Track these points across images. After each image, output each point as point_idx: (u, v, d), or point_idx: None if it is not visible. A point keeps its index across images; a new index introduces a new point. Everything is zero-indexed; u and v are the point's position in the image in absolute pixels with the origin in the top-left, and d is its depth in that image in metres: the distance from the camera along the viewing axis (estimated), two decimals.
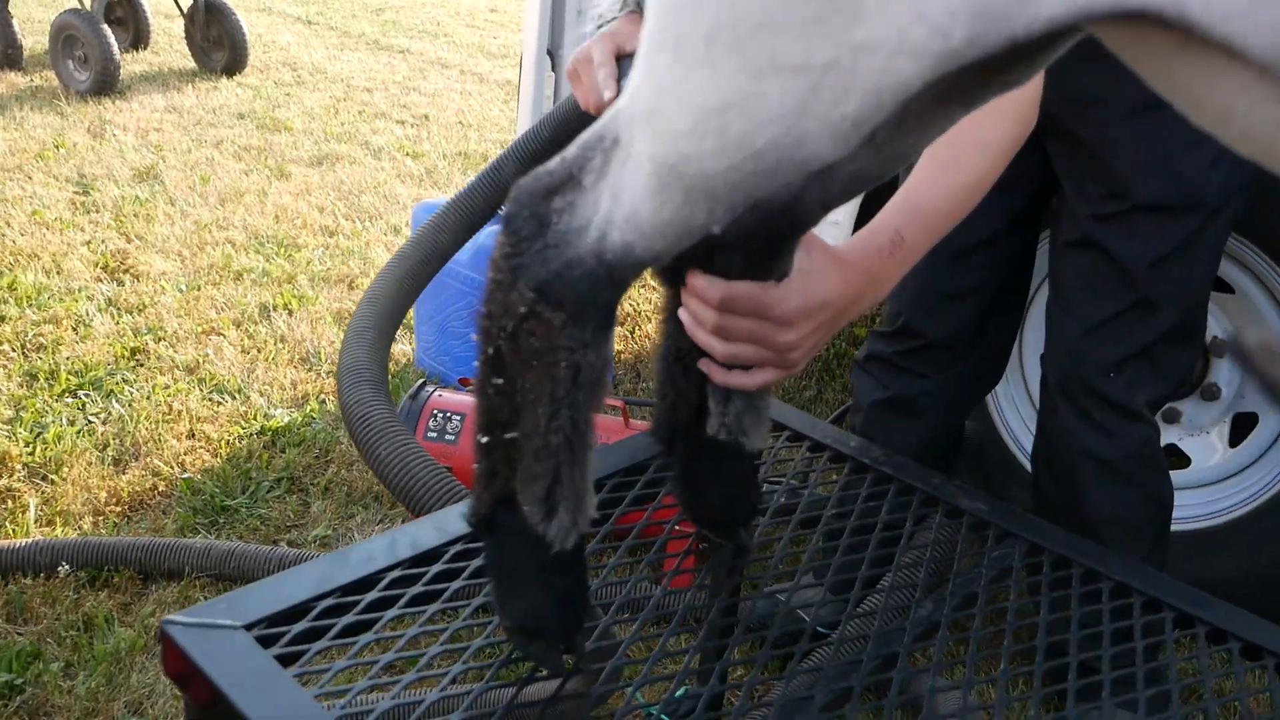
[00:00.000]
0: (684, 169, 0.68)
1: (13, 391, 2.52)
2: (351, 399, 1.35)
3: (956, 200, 1.18)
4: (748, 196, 0.69)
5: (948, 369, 1.81)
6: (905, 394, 1.82)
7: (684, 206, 0.70)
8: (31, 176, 4.11)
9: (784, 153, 0.65)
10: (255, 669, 0.89)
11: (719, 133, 0.65)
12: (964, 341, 1.80)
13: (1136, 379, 1.62)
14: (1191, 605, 1.13)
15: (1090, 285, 1.62)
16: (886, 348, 1.85)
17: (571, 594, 0.92)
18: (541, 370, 0.82)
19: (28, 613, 1.81)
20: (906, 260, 1.13)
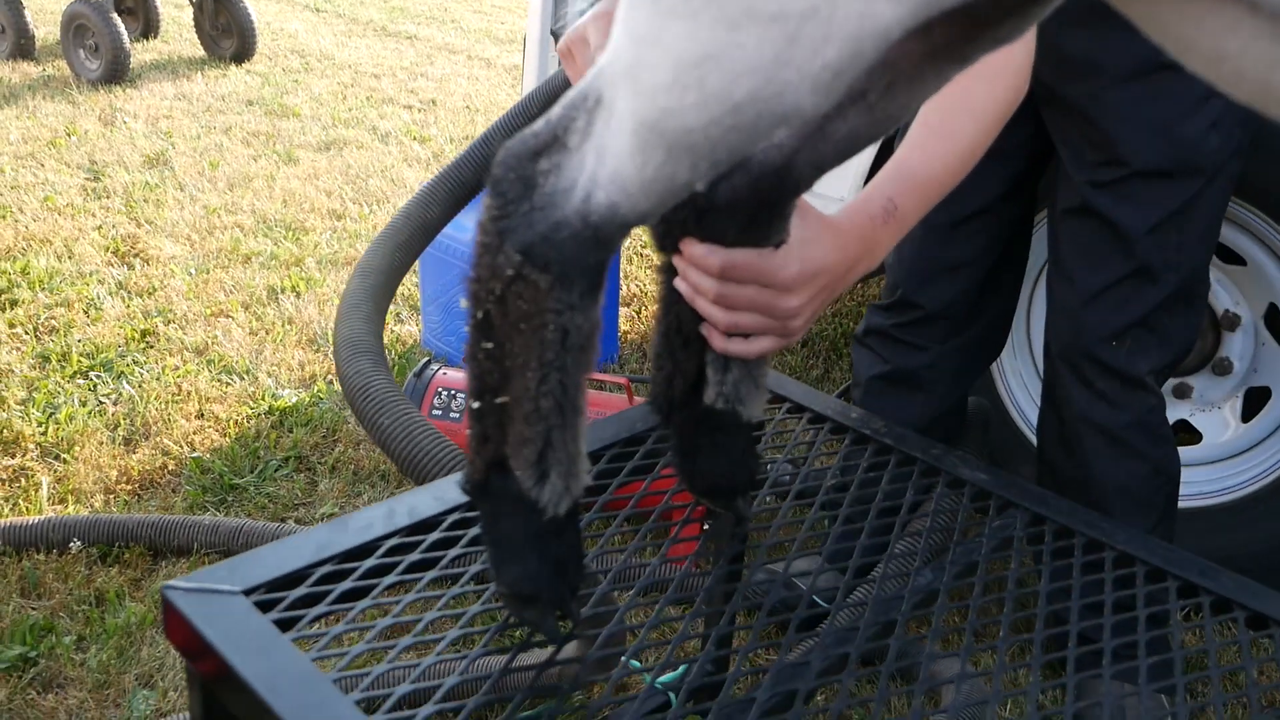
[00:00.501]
0: (665, 124, 0.68)
1: (25, 373, 2.54)
2: (351, 370, 1.36)
3: (949, 167, 1.18)
4: (730, 152, 0.69)
5: (947, 340, 1.80)
6: (905, 367, 1.81)
7: (666, 163, 0.70)
8: (44, 164, 4.13)
9: (764, 105, 0.65)
10: (254, 633, 0.90)
11: (698, 86, 0.65)
12: (963, 312, 1.80)
13: (1139, 347, 1.61)
14: (1196, 575, 1.13)
15: (1089, 253, 1.61)
16: (885, 321, 1.83)
17: (566, 560, 0.92)
18: (530, 333, 0.81)
19: (41, 588, 1.83)
20: (901, 227, 1.13)
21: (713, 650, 1.00)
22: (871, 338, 1.86)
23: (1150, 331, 1.61)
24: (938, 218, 1.73)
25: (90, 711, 1.59)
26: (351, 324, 1.46)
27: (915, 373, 1.82)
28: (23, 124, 4.60)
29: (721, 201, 0.96)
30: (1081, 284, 1.62)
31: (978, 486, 1.24)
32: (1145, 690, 0.96)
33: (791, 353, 2.95)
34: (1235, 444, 2.04)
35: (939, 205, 1.68)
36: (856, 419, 1.36)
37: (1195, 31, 0.61)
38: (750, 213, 0.97)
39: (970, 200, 1.71)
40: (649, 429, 1.28)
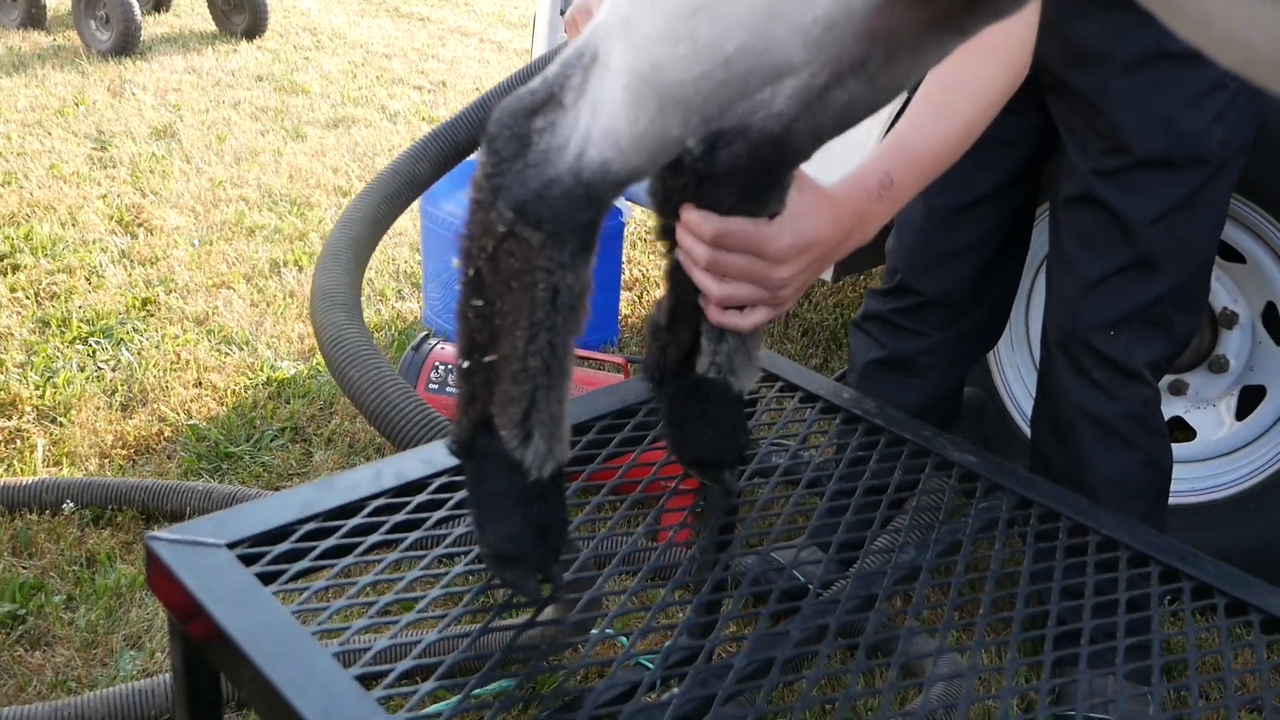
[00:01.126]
0: (657, 78, 0.68)
1: (25, 337, 2.54)
2: (325, 321, 1.36)
3: (948, 144, 1.18)
4: (721, 107, 0.69)
5: (946, 327, 1.80)
6: (902, 353, 1.81)
7: (658, 117, 0.70)
8: (51, 132, 4.13)
9: (755, 58, 0.65)
10: (235, 584, 0.90)
11: (690, 37, 0.65)
12: (963, 299, 1.79)
13: (1136, 338, 1.60)
14: (1179, 561, 1.13)
15: (1091, 241, 1.61)
16: (883, 306, 1.83)
17: (549, 522, 0.92)
18: (520, 292, 0.82)
19: (32, 547, 1.83)
20: (895, 202, 1.13)
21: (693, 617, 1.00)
22: (870, 323, 1.86)
23: (1149, 323, 1.61)
24: (941, 203, 1.74)
25: (77, 669, 1.59)
26: (330, 274, 1.46)
27: (912, 358, 1.82)
28: (31, 92, 4.61)
29: (721, 169, 0.96)
30: (1081, 272, 1.62)
31: (966, 469, 1.25)
32: (1121, 671, 0.97)
33: (791, 341, 2.95)
34: (1229, 442, 2.04)
35: (943, 190, 1.69)
36: (848, 399, 1.36)
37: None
38: (749, 181, 0.97)
39: (974, 186, 1.71)
40: (640, 402, 1.28)
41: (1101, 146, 1.56)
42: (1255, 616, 1.07)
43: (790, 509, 1.16)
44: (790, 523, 1.14)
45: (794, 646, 0.95)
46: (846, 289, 3.31)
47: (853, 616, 1.01)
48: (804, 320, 3.07)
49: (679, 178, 0.97)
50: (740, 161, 0.96)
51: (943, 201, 1.73)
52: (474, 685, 0.86)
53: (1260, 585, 1.10)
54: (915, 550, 1.12)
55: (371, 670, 0.86)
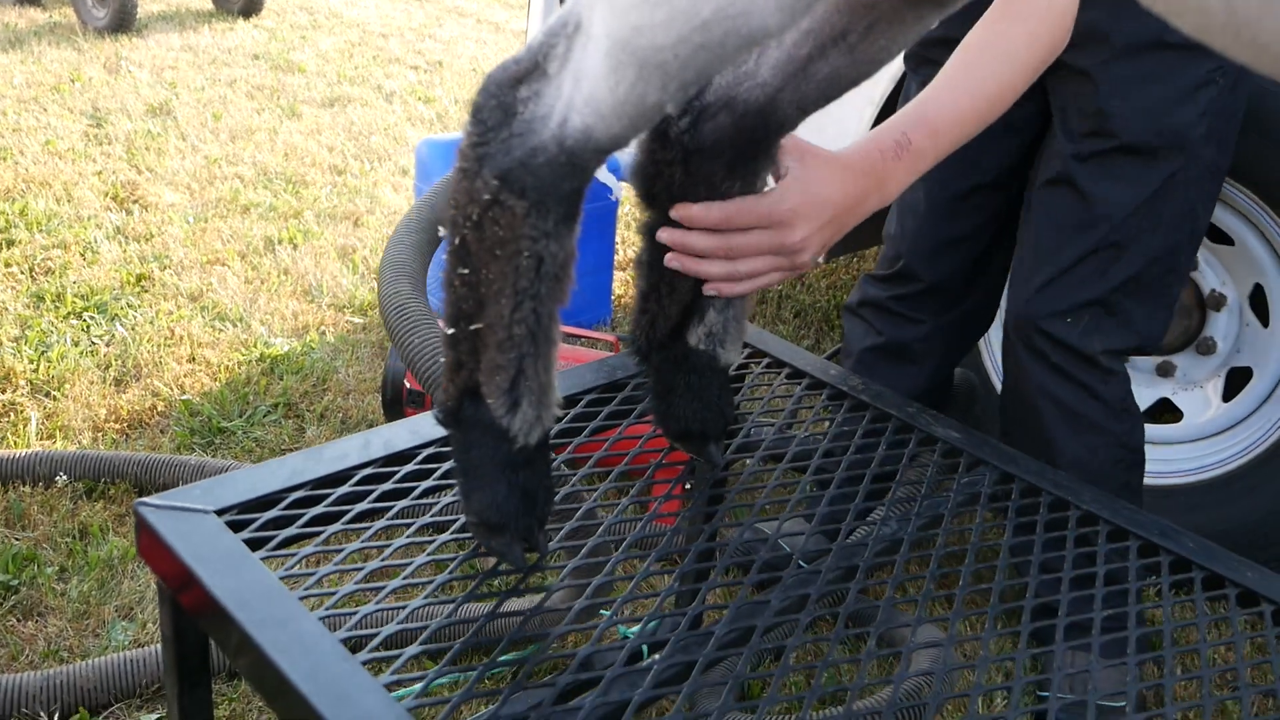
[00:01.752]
0: (636, 43, 0.69)
1: (20, 311, 2.55)
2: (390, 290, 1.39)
3: (976, 107, 1.16)
4: (699, 72, 0.70)
5: (943, 313, 1.81)
6: (900, 340, 1.82)
7: (638, 83, 0.71)
8: (46, 108, 4.13)
9: (730, 23, 0.65)
10: (224, 550, 0.91)
11: (667, 2, 0.66)
12: (959, 285, 1.80)
13: (1094, 325, 1.60)
14: (1157, 535, 1.14)
15: (1059, 225, 1.61)
16: (882, 292, 1.84)
17: (534, 490, 0.93)
18: (505, 260, 0.83)
19: (25, 519, 1.84)
20: (915, 164, 1.12)
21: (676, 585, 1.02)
22: (866, 309, 1.86)
23: (1107, 312, 1.60)
24: (943, 190, 1.74)
25: (69, 640, 1.61)
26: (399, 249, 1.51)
27: (909, 345, 1.82)
28: (27, 69, 4.59)
29: (708, 141, 0.97)
30: (1047, 256, 1.62)
31: (949, 444, 1.26)
32: (1098, 643, 0.98)
33: (784, 322, 2.96)
34: (1216, 423, 2.05)
35: (946, 176, 1.68)
36: (835, 375, 1.37)
37: None
38: (736, 153, 0.98)
39: (976, 172, 1.71)
40: (628, 376, 1.29)
41: (1085, 129, 1.56)
42: (1231, 591, 1.08)
43: (774, 483, 1.17)
44: (776, 496, 1.15)
45: (774, 615, 0.96)
46: (840, 270, 3.32)
47: (833, 587, 1.02)
48: (797, 301, 3.07)
49: (668, 150, 0.98)
50: (726, 132, 0.96)
51: (945, 188, 1.73)
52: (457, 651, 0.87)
53: (1237, 560, 1.12)
54: (897, 523, 1.13)
55: (357, 634, 0.87)
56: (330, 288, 2.89)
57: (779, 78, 0.91)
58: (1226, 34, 0.56)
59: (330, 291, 2.87)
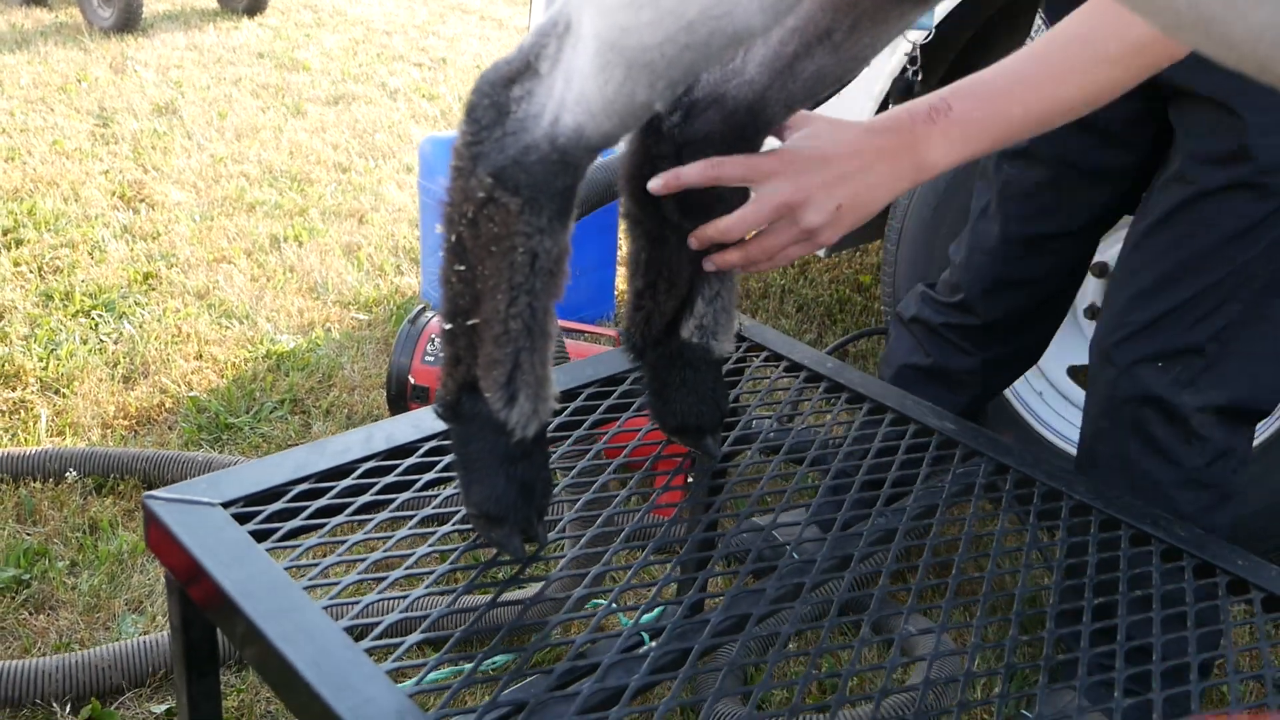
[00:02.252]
0: (623, 43, 0.71)
1: (29, 310, 2.58)
2: None
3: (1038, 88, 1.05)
4: (686, 71, 0.72)
5: (994, 348, 1.75)
6: (946, 367, 1.77)
7: (625, 82, 0.72)
8: (53, 109, 4.15)
9: (715, 23, 0.67)
10: (230, 541, 0.94)
11: (654, 3, 0.68)
12: (1017, 324, 1.74)
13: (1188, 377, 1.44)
14: (1149, 525, 1.16)
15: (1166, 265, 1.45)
16: (936, 317, 1.78)
17: (533, 482, 0.95)
18: (500, 256, 0.84)
19: (36, 515, 1.87)
20: (962, 131, 1.03)
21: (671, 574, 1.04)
22: (918, 325, 1.81)
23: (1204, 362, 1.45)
24: (1022, 230, 1.65)
25: (80, 632, 1.63)
26: None
27: (953, 373, 1.78)
28: (34, 69, 4.62)
29: (697, 136, 0.99)
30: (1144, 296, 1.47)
31: (945, 435, 1.27)
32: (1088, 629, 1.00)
33: (786, 316, 2.98)
34: None
35: (1026, 216, 1.62)
36: (831, 368, 1.39)
37: None
38: (725, 148, 0.99)
39: (1062, 219, 1.63)
40: (626, 370, 1.31)
41: (1216, 160, 1.40)
42: (1221, 579, 1.10)
43: (771, 474, 1.19)
44: (773, 487, 1.17)
45: (769, 605, 0.98)
46: (842, 264, 3.34)
47: (828, 576, 1.04)
48: (799, 296, 3.09)
49: (659, 146, 1.00)
50: (715, 128, 0.98)
51: (1024, 228, 1.65)
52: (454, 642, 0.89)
53: (1227, 548, 1.13)
54: (891, 513, 1.15)
55: (360, 623, 0.89)
56: (335, 285, 2.91)
57: (766, 75, 0.93)
58: (1196, 31, 0.57)
59: (335, 288, 2.89)
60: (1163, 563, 1.12)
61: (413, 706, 0.78)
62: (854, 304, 3.09)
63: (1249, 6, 0.53)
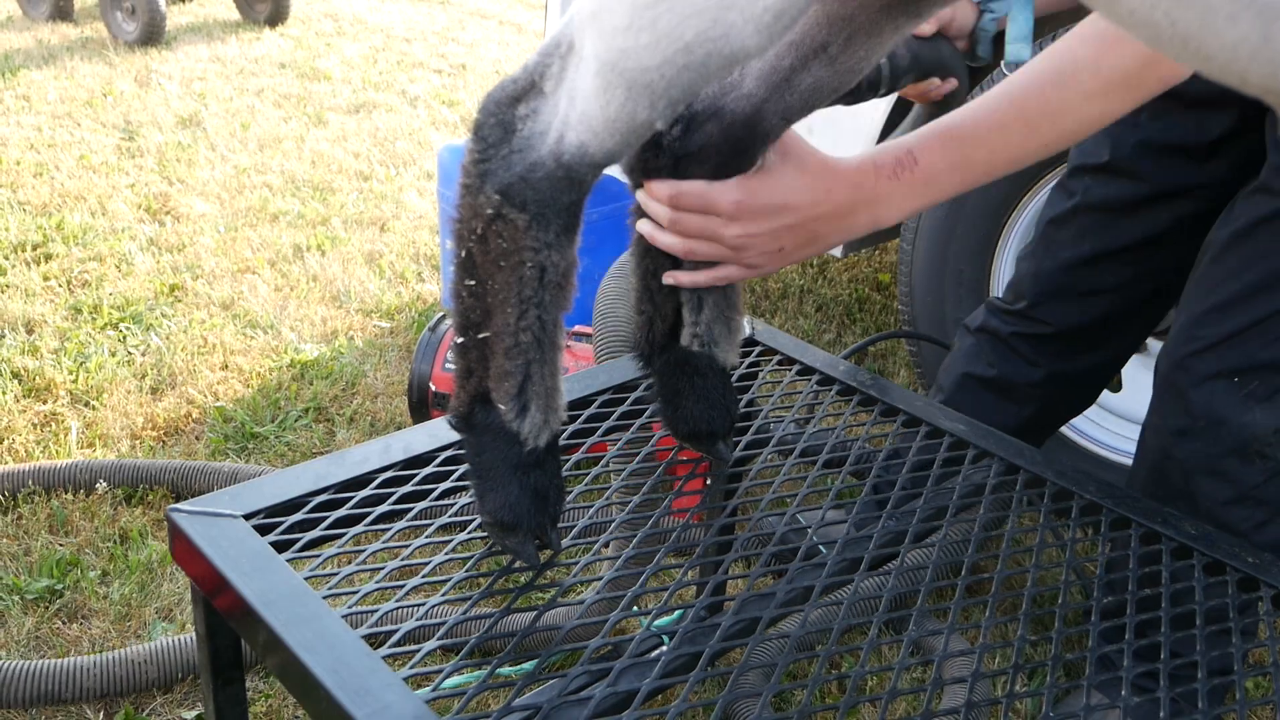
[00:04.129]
0: (623, 64, 0.73)
1: (58, 324, 2.63)
2: None
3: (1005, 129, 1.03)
4: (685, 91, 0.73)
5: (1064, 361, 1.71)
6: (1009, 379, 1.73)
7: (627, 102, 0.74)
8: (80, 123, 4.22)
9: (712, 45, 0.69)
10: (251, 553, 0.96)
11: (651, 27, 0.70)
12: (1090, 337, 1.69)
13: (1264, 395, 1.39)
14: (1159, 523, 1.16)
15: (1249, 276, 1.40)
16: (1004, 327, 1.74)
17: (546, 490, 0.97)
18: (509, 271, 0.87)
19: (68, 526, 1.91)
20: (922, 186, 1.04)
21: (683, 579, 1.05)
22: (984, 335, 1.77)
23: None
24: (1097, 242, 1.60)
25: (112, 641, 1.67)
26: None
27: (1017, 385, 1.74)
28: (60, 84, 4.70)
29: (695, 148, 1.01)
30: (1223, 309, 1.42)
31: (956, 436, 1.28)
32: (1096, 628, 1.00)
33: (805, 316, 2.98)
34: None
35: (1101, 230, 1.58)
36: (843, 371, 1.40)
37: None
38: (723, 160, 1.01)
39: (1138, 231, 1.59)
40: (638, 378, 1.33)
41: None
42: (1231, 576, 1.10)
43: (784, 476, 1.21)
44: (786, 490, 1.19)
45: (778, 607, 0.99)
46: (861, 263, 3.34)
47: (838, 579, 1.05)
48: (818, 296, 3.10)
49: (659, 158, 1.02)
50: (714, 140, 1.00)
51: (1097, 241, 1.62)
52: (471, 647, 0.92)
53: (1237, 545, 1.14)
54: (902, 516, 1.16)
55: (378, 631, 0.91)
56: (358, 293, 2.95)
57: (764, 89, 0.94)
58: (1175, 45, 0.59)
59: (358, 297, 2.93)
60: (1173, 561, 1.13)
61: (429, 712, 0.80)
62: (873, 303, 3.09)
63: (1223, 24, 0.54)
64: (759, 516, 1.14)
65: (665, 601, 1.00)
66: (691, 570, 1.38)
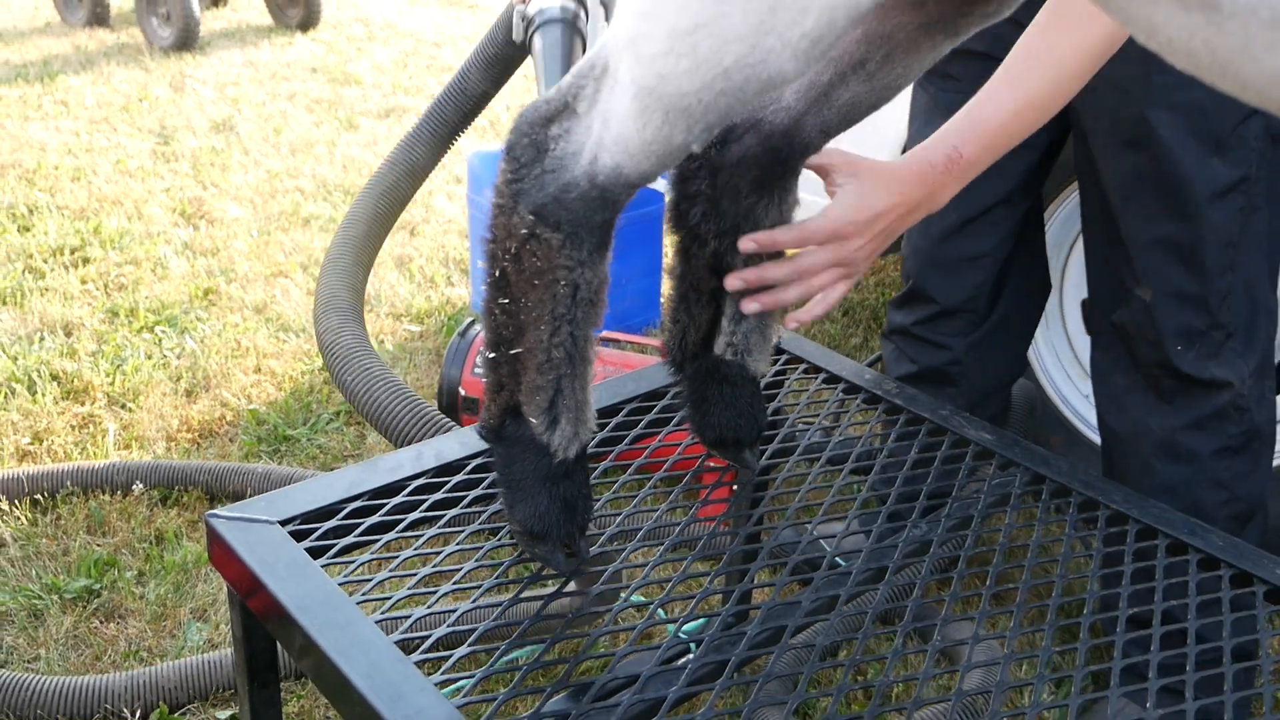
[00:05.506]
0: (662, 89, 0.74)
1: (96, 327, 2.67)
2: (322, 327, 1.44)
3: (1022, 117, 1.17)
4: (721, 115, 0.75)
5: (968, 333, 1.77)
6: (932, 365, 1.79)
7: (664, 126, 0.76)
8: (116, 128, 4.29)
9: (750, 70, 0.71)
10: (287, 558, 0.99)
11: (691, 53, 0.71)
12: (979, 305, 1.76)
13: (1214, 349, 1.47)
14: (1186, 534, 1.16)
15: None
16: (905, 320, 1.81)
17: (575, 500, 0.99)
18: (543, 289, 0.88)
19: (106, 526, 1.95)
20: (965, 173, 1.16)
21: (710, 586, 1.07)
22: (896, 336, 1.84)
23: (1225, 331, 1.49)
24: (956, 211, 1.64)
25: (148, 640, 1.70)
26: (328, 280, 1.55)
27: (942, 369, 1.79)
28: (97, 89, 4.77)
29: (734, 158, 1.02)
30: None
31: (981, 446, 1.29)
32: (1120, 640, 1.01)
33: (832, 321, 2.99)
34: None
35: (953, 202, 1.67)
36: (869, 380, 1.41)
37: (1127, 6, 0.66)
38: (762, 170, 1.03)
39: (986, 194, 1.67)
40: (667, 385, 1.34)
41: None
42: (1259, 588, 1.10)
43: (808, 486, 1.22)
44: (812, 499, 1.20)
45: (804, 616, 1.01)
46: (889, 267, 3.34)
47: (863, 588, 1.06)
48: (845, 300, 3.10)
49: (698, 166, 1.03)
50: (753, 151, 1.02)
51: (956, 214, 1.69)
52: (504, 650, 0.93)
53: (1266, 557, 1.14)
54: (927, 526, 1.17)
55: (410, 636, 0.93)
56: (388, 297, 2.98)
57: (803, 103, 0.96)
58: (1213, 71, 0.60)
59: (388, 300, 2.96)
60: (1200, 572, 1.13)
61: (460, 717, 0.82)
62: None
63: (1261, 52, 0.55)
64: (784, 525, 1.15)
65: (691, 610, 1.01)
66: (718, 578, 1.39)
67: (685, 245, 1.10)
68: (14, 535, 1.91)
